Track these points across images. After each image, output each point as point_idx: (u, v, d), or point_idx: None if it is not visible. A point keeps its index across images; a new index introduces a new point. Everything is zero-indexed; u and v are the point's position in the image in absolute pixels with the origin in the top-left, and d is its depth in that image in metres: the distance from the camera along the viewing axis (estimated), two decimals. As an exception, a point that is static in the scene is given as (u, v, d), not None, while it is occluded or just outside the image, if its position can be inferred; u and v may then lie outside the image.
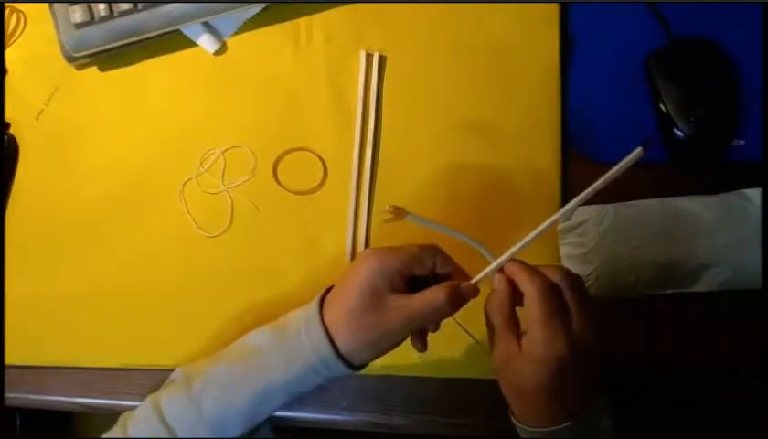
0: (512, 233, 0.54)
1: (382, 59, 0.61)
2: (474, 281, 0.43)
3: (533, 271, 0.41)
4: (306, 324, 0.42)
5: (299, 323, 0.43)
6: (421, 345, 0.45)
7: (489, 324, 0.42)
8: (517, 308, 0.42)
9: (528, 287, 0.40)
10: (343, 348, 0.41)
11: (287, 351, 0.43)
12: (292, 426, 0.54)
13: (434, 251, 0.43)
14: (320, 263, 0.58)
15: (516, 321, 0.41)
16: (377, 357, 0.43)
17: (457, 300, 0.41)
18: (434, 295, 0.41)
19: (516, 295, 0.41)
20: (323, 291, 0.44)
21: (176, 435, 0.44)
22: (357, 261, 0.43)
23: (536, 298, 0.39)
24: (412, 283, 0.42)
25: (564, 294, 0.40)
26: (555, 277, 0.41)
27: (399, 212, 0.40)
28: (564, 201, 0.55)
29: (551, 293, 0.40)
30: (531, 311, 0.39)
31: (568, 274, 0.41)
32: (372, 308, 0.41)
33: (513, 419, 0.42)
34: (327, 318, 0.42)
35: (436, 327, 0.45)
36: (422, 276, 0.43)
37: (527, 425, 0.41)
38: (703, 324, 0.51)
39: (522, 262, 0.42)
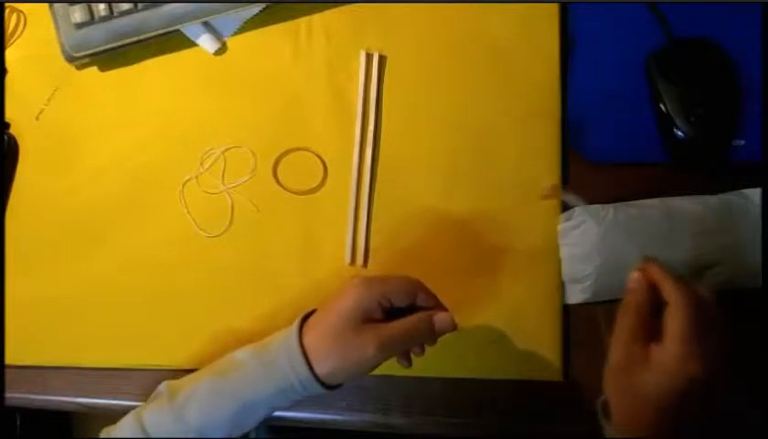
0: (512, 233, 0.55)
1: (382, 59, 0.61)
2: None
3: (680, 280, 0.39)
4: (287, 345, 0.44)
5: (280, 344, 0.45)
6: (406, 362, 0.46)
7: (619, 323, 0.41)
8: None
9: (677, 297, 0.38)
10: (319, 370, 0.43)
11: (268, 370, 0.44)
12: (292, 426, 0.54)
13: (418, 285, 0.45)
14: (320, 263, 0.58)
15: (649, 327, 0.40)
16: (353, 378, 0.44)
17: (432, 330, 0.43)
18: (410, 325, 0.43)
19: (654, 301, 0.40)
20: (304, 313, 0.46)
21: None
22: (343, 287, 0.44)
23: (683, 311, 0.38)
24: (393, 313, 0.44)
25: (711, 314, 0.38)
26: (704, 294, 0.39)
27: (555, 191, 0.41)
28: (564, 201, 0.55)
29: (700, 309, 0.38)
30: (674, 323, 0.38)
31: (712, 293, 0.39)
32: (349, 334, 0.42)
33: (605, 420, 0.41)
34: (306, 340, 0.43)
35: (422, 350, 0.46)
36: (403, 307, 0.44)
37: (625, 433, 0.40)
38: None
39: (664, 269, 0.40)
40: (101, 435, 0.47)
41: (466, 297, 0.53)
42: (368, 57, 0.61)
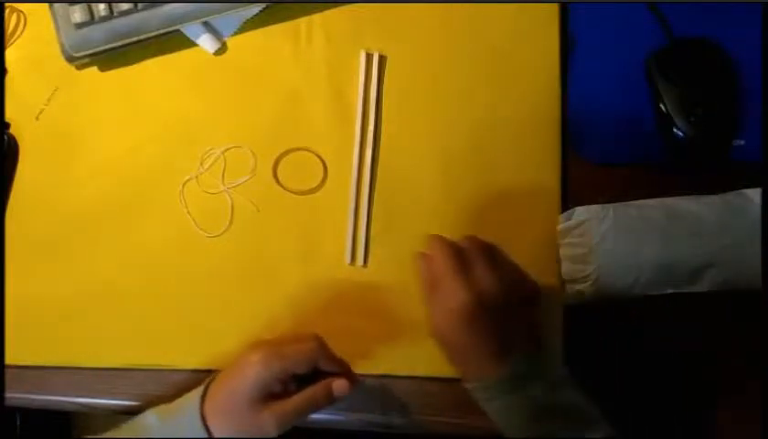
0: (511, 233, 0.55)
1: (382, 59, 0.61)
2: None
3: (439, 238, 0.46)
4: (189, 412, 0.46)
5: (184, 410, 0.47)
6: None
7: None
8: None
9: (434, 251, 0.45)
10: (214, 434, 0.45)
11: (173, 432, 0.46)
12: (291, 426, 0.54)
13: (318, 352, 0.46)
14: (320, 263, 0.58)
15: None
16: None
17: (331, 397, 0.46)
18: (308, 396, 0.45)
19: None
20: (209, 379, 0.47)
21: None
22: (242, 361, 0.45)
23: (440, 258, 0.44)
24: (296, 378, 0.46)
25: (469, 255, 0.44)
26: (462, 243, 0.45)
27: None
28: (564, 201, 0.55)
29: (454, 252, 0.44)
30: (438, 270, 0.44)
31: (473, 239, 0.46)
32: (246, 414, 0.44)
33: (465, 384, 0.45)
34: (207, 407, 0.45)
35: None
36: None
37: (471, 383, 0.44)
38: (703, 324, 0.51)
39: (436, 236, 0.46)
40: None
41: (466, 297, 0.53)
42: (368, 57, 0.61)
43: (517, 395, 0.42)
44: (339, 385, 0.46)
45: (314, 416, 0.53)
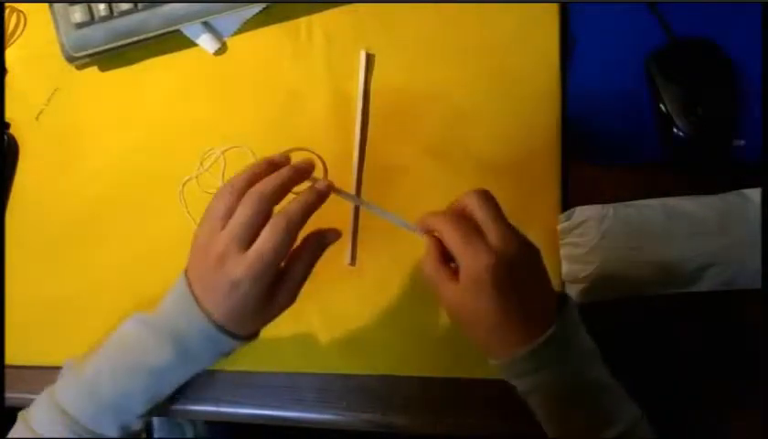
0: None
1: (382, 59, 0.61)
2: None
3: (440, 211, 0.42)
4: (180, 301, 0.44)
5: (172, 303, 0.45)
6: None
7: (430, 282, 0.42)
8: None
9: (439, 224, 0.41)
10: (216, 317, 0.42)
11: (169, 332, 0.44)
12: (291, 426, 0.54)
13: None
14: (320, 263, 0.57)
15: (449, 266, 0.42)
16: (254, 323, 0.45)
17: (291, 228, 0.42)
18: (263, 240, 0.41)
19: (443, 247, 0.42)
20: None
21: (81, 424, 0.45)
22: (223, 282, 0.42)
23: (447, 230, 0.40)
24: None
25: (476, 215, 0.41)
26: (465, 201, 0.42)
27: None
28: (564, 201, 0.55)
29: (460, 218, 0.41)
30: (449, 244, 0.40)
31: (475, 194, 0.42)
32: (257, 315, 0.43)
33: (492, 361, 0.42)
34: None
35: (295, 289, 0.45)
36: None
37: (499, 359, 0.41)
38: (703, 324, 0.51)
39: (434, 211, 0.43)
40: (19, 419, 0.48)
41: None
42: (368, 57, 0.61)
43: (549, 369, 0.40)
44: (331, 231, 0.45)
45: (315, 416, 0.54)
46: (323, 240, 0.46)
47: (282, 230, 0.41)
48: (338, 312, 0.55)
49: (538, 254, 0.42)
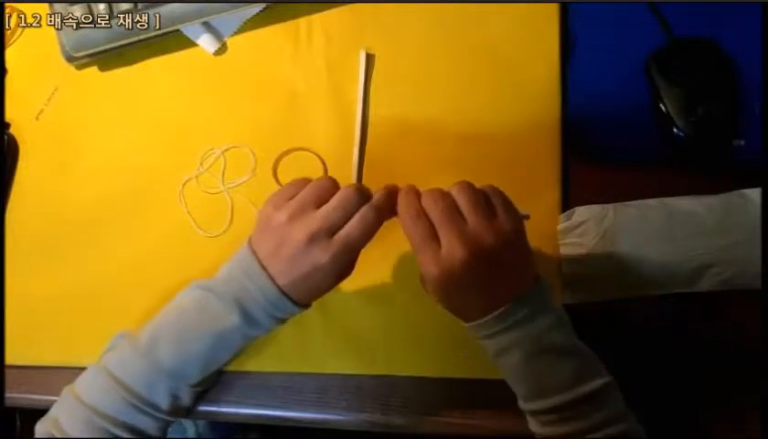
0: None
1: (382, 59, 0.61)
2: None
3: (431, 191, 0.44)
4: (246, 266, 0.45)
5: (238, 268, 0.46)
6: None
7: (414, 249, 0.43)
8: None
9: (427, 203, 0.43)
10: (281, 283, 0.44)
11: (234, 295, 0.45)
12: (292, 426, 0.54)
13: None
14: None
15: (434, 234, 0.43)
16: (318, 292, 0.46)
17: (381, 219, 0.45)
18: (352, 227, 0.44)
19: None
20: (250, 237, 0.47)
21: (134, 391, 0.46)
22: (310, 264, 0.44)
23: (435, 211, 0.43)
24: None
25: (463, 205, 0.43)
26: (455, 193, 0.44)
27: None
28: (564, 201, 0.55)
29: (448, 204, 0.43)
30: (435, 220, 0.43)
31: (465, 188, 0.44)
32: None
33: (466, 325, 0.44)
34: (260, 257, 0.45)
35: (355, 261, 0.46)
36: None
37: (477, 321, 0.43)
38: (703, 324, 0.51)
39: (413, 186, 0.45)
40: (64, 392, 0.48)
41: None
42: (368, 57, 0.61)
43: (519, 330, 0.42)
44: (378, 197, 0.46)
45: (315, 416, 0.54)
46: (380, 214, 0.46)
47: (372, 220, 0.44)
48: (338, 312, 0.55)
49: (519, 224, 0.44)
